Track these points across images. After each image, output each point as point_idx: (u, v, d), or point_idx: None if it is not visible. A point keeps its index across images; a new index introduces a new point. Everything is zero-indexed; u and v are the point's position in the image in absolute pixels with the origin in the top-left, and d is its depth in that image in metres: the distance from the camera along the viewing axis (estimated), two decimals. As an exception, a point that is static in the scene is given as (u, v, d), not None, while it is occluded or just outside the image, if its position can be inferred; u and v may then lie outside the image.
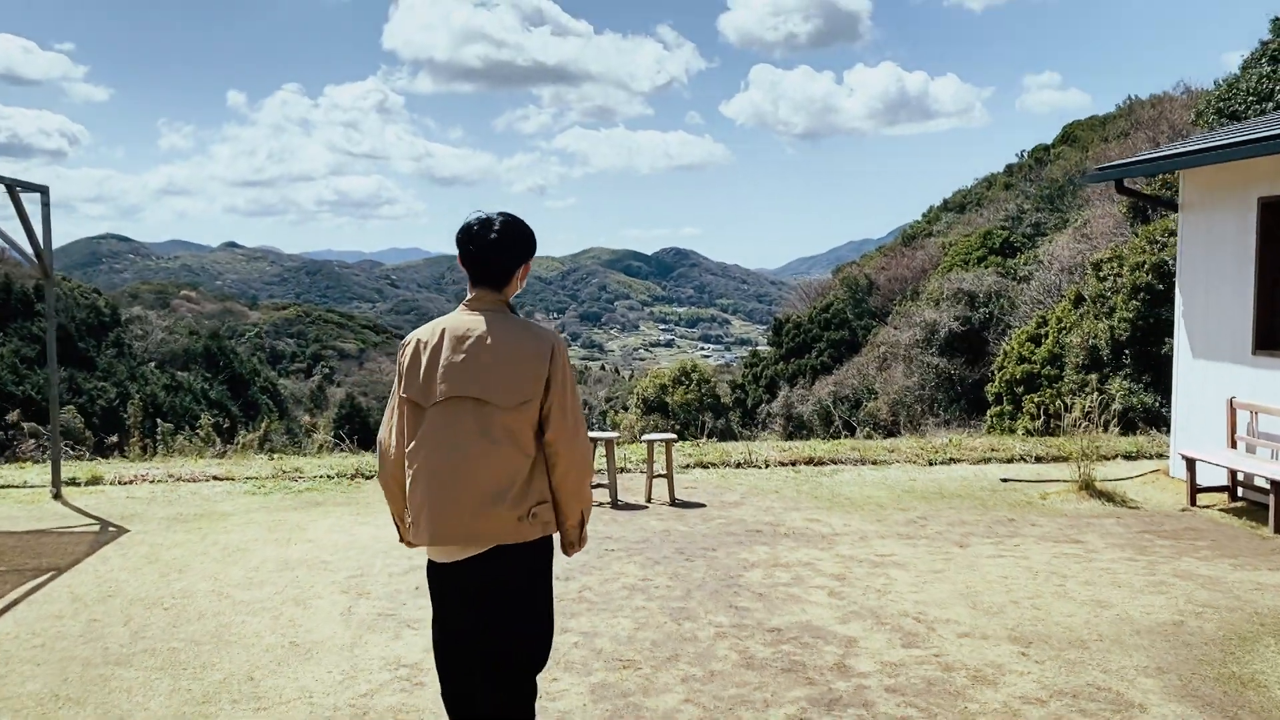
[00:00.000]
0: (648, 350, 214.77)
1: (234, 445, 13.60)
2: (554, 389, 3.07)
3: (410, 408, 3.12)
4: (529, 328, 3.13)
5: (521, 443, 3.02)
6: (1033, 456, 10.26)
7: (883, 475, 9.50)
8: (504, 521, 2.98)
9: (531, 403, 3.03)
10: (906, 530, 7.40)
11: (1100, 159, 47.07)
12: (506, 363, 3.04)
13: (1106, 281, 19.77)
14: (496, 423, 2.99)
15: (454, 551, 3.03)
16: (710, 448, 10.79)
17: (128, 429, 16.67)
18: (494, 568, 3.02)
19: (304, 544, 7.03)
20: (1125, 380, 18.24)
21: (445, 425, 3.03)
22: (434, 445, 3.03)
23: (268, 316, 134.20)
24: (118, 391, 65.33)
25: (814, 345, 47.21)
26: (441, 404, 3.04)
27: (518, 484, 3.00)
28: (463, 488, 2.97)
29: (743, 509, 8.16)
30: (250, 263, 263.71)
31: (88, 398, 63.13)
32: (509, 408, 3.00)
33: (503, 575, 3.02)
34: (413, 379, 3.11)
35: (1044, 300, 29.26)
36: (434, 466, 3.02)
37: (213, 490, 8.99)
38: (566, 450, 3.08)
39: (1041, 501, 8.38)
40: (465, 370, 3.03)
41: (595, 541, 7.06)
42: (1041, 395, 20.75)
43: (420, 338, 3.16)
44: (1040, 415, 17.22)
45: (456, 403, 3.02)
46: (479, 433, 2.99)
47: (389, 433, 3.23)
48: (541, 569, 3.12)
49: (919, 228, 65.79)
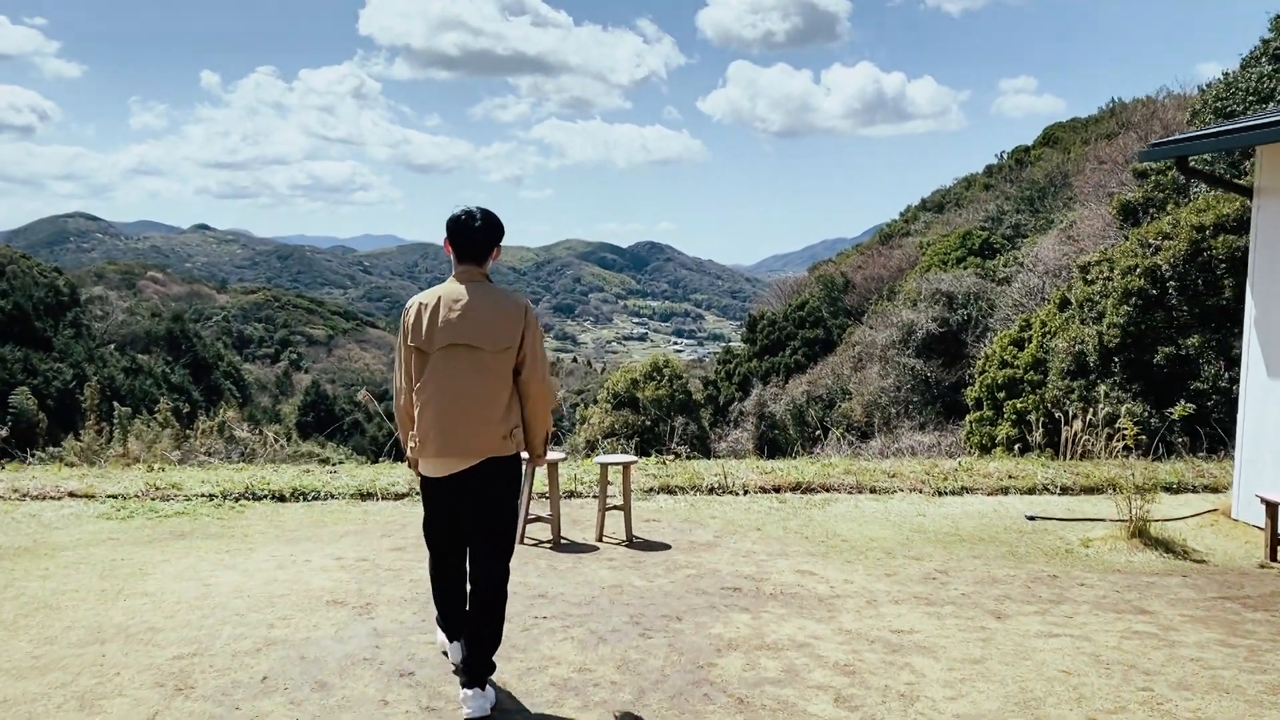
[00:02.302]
0: (621, 343, 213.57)
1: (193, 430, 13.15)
2: (527, 339, 4.09)
3: (417, 354, 4.09)
4: (506, 293, 4.15)
5: (504, 379, 4.06)
6: (1057, 486, 8.68)
7: (885, 508, 7.88)
8: (494, 439, 4.03)
9: (511, 349, 4.05)
10: (925, 591, 5.79)
11: (1081, 161, 46.08)
12: (492, 318, 4.04)
13: (1095, 285, 18.80)
14: (486, 363, 4.02)
15: (453, 464, 4.05)
16: (678, 468, 9.11)
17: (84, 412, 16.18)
18: (485, 474, 4.06)
19: (137, 598, 5.32)
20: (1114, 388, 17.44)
21: (447, 366, 4.03)
22: (439, 382, 4.03)
23: (236, 300, 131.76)
24: (74, 373, 63.14)
25: (788, 343, 45.98)
26: (443, 350, 4.03)
27: (502, 410, 4.05)
28: (463, 412, 4.00)
29: (717, 554, 6.52)
30: (221, 245, 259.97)
31: (43, 379, 60.93)
32: (495, 352, 4.03)
33: (491, 479, 4.07)
34: (417, 332, 4.07)
35: (1026, 303, 28.57)
36: (440, 397, 4.02)
37: (59, 512, 7.24)
38: (536, 385, 4.13)
39: (1084, 550, 6.79)
40: (461, 324, 4.02)
41: (523, 602, 5.41)
42: (1024, 401, 20.16)
43: (422, 301, 4.13)
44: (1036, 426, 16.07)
45: (455, 349, 4.02)
46: (473, 371, 4.01)
47: (399, 376, 4.19)
48: (514, 477, 4.15)
49: (896, 227, 64.86)
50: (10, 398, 55.24)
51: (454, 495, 4.11)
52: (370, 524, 7.11)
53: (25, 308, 69.68)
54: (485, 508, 4.09)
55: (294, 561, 6.08)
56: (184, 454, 12.98)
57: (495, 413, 4.01)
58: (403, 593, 5.51)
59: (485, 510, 4.10)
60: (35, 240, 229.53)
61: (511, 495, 4.15)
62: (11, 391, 56.10)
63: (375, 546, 6.48)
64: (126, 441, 13.14)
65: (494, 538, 4.12)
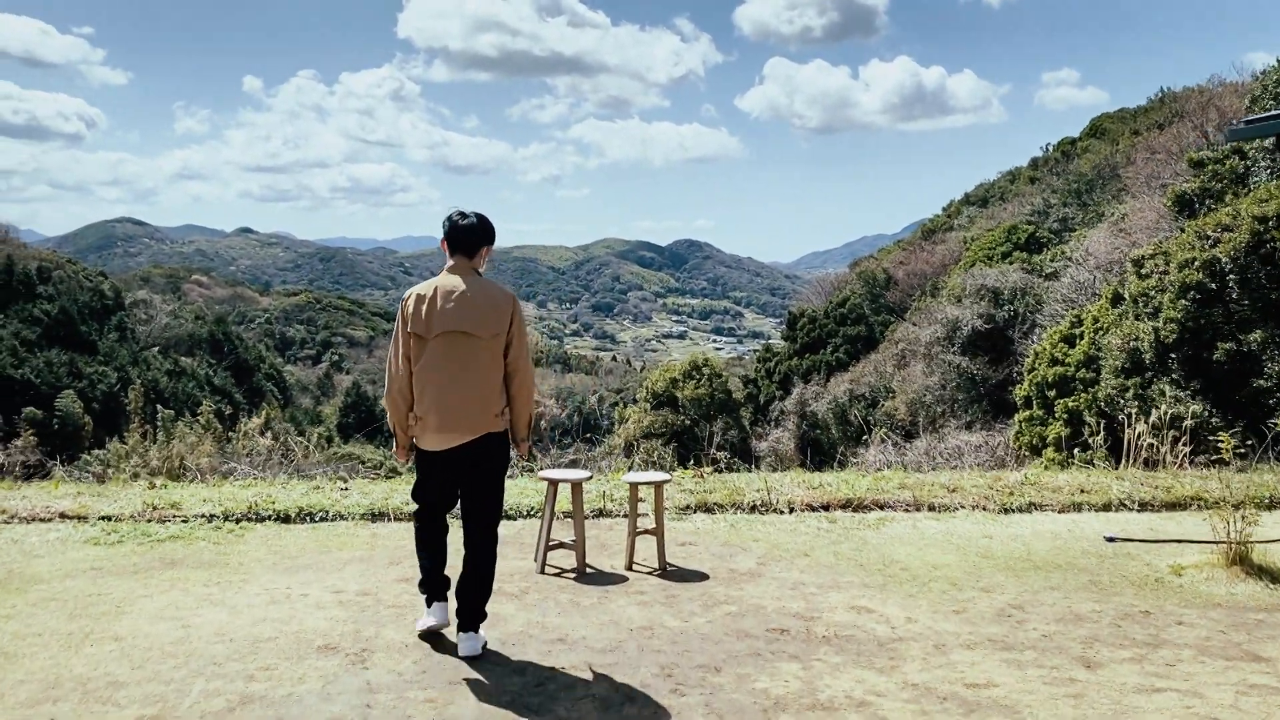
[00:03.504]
0: (660, 341, 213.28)
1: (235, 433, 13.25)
2: (514, 327, 4.64)
3: (415, 340, 4.59)
4: (495, 286, 4.72)
5: (496, 362, 4.60)
6: (1135, 502, 7.86)
7: (946, 529, 7.13)
8: (489, 416, 4.58)
9: (501, 335, 4.59)
10: (1000, 632, 5.06)
11: (1131, 152, 44.77)
12: (484, 307, 4.59)
13: (1150, 279, 18.14)
14: (479, 348, 4.55)
15: (452, 439, 4.56)
16: (717, 483, 8.38)
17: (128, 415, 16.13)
18: (480, 448, 4.60)
19: (105, 643, 4.72)
20: (1171, 387, 16.73)
21: (444, 351, 4.55)
22: (437, 365, 4.54)
23: (278, 303, 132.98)
24: (119, 377, 63.67)
25: (829, 341, 45.18)
26: (440, 336, 4.55)
27: (494, 390, 4.60)
28: (460, 392, 4.53)
29: (761, 585, 5.81)
30: (264, 248, 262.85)
31: (88, 382, 61.48)
32: (486, 338, 4.56)
33: (486, 453, 4.62)
34: (416, 320, 4.58)
35: (1076, 299, 27.84)
36: (439, 379, 4.54)
37: (46, 536, 6.67)
38: (521, 367, 4.68)
39: (1176, 579, 6.01)
40: (456, 313, 4.56)
41: (539, 648, 4.74)
42: (1076, 400, 19.51)
43: (419, 292, 4.66)
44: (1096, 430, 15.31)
45: (451, 335, 4.54)
46: (468, 355, 4.55)
47: (396, 360, 4.66)
48: (505, 452, 4.72)
49: (939, 222, 63.76)
50: (56, 401, 55.74)
51: (450, 468, 4.64)
52: (378, 549, 6.48)
53: (71, 312, 70.45)
54: (479, 481, 4.66)
55: (289, 596, 5.46)
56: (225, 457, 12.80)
57: (488, 392, 4.56)
58: (404, 636, 4.87)
59: (479, 483, 4.66)
60: (84, 246, 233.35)
61: (501, 469, 4.71)
62: (58, 395, 56.63)
63: (380, 577, 5.85)
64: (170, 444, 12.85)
65: (486, 510, 4.68)
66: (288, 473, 12.18)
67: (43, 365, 59.42)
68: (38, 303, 69.08)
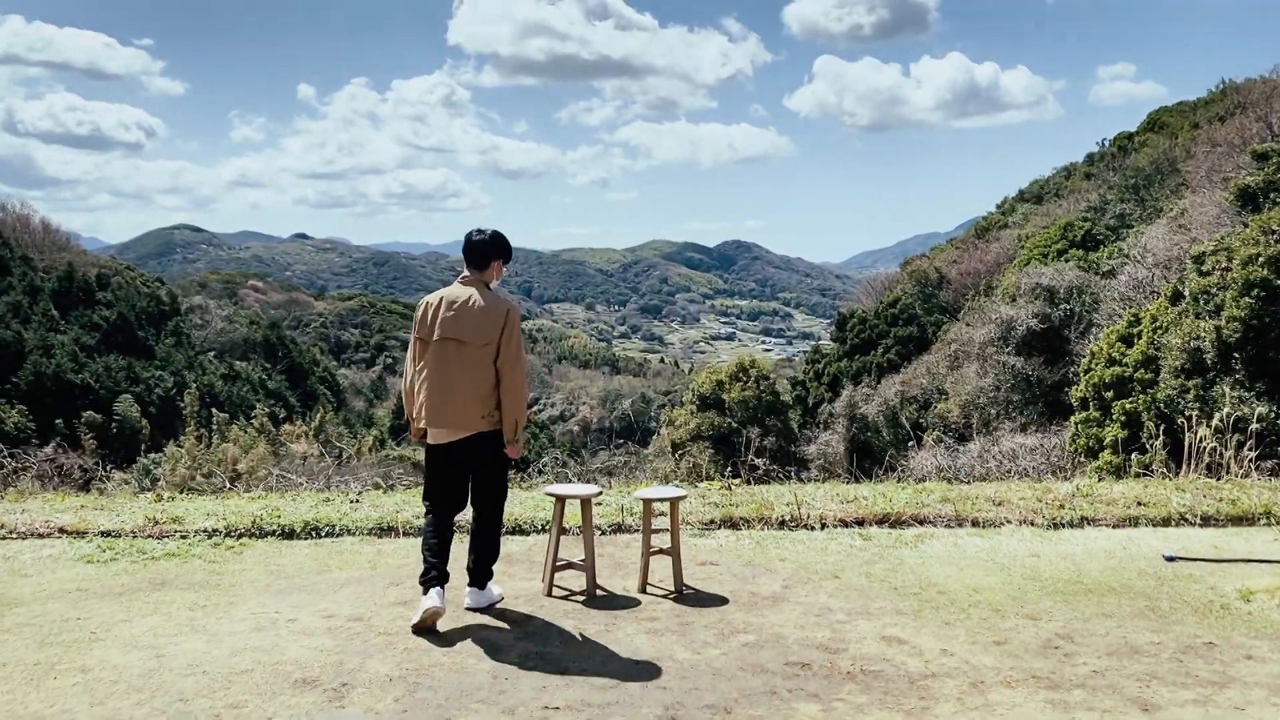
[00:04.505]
0: (708, 343, 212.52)
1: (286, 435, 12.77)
2: (504, 336, 5.08)
3: (421, 344, 5.20)
4: (498, 298, 5.22)
5: (485, 369, 5.06)
6: (1197, 515, 7.26)
7: (990, 546, 6.60)
8: (475, 416, 5.07)
9: (491, 344, 5.06)
10: (1046, 667, 4.56)
11: (1191, 146, 43.49)
12: (478, 317, 5.08)
13: (1211, 276, 17.85)
14: (469, 355, 5.04)
15: (448, 435, 5.12)
16: (744, 495, 7.90)
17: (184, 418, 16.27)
18: (474, 445, 5.13)
19: (70, 675, 4.39)
20: (1235, 388, 16.10)
21: (439, 355, 5.09)
22: (432, 367, 5.11)
23: (333, 307, 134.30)
24: (175, 381, 64.57)
25: (880, 342, 44.38)
26: (438, 341, 5.09)
27: (484, 394, 5.06)
28: (447, 393, 5.06)
29: (783, 611, 5.36)
30: (320, 254, 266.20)
31: (145, 387, 62.40)
32: (477, 346, 5.05)
33: (479, 450, 5.14)
34: (423, 326, 5.18)
35: (1134, 297, 27.10)
36: (431, 379, 5.10)
37: (39, 553, 6.40)
38: (509, 372, 5.09)
39: (1244, 606, 5.44)
40: (453, 322, 5.08)
41: (533, 685, 4.33)
42: (1134, 401, 18.91)
43: (429, 300, 5.24)
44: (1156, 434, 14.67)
45: (446, 341, 5.08)
46: (458, 360, 5.05)
47: (409, 361, 5.32)
48: (498, 449, 5.17)
49: (993, 219, 62.46)
50: (114, 405, 56.65)
51: (449, 461, 5.18)
52: (380, 568, 6.13)
53: (129, 318, 71.66)
54: (477, 476, 5.24)
55: (276, 621, 5.12)
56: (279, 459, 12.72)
57: (475, 396, 5.05)
58: (388, 668, 4.49)
59: (477, 477, 5.24)
60: (144, 252, 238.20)
61: (496, 464, 5.23)
62: (116, 399, 57.56)
63: (377, 600, 5.49)
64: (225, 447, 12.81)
65: (486, 497, 5.29)
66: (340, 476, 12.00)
67: (102, 370, 60.47)
68: (97, 309, 70.42)
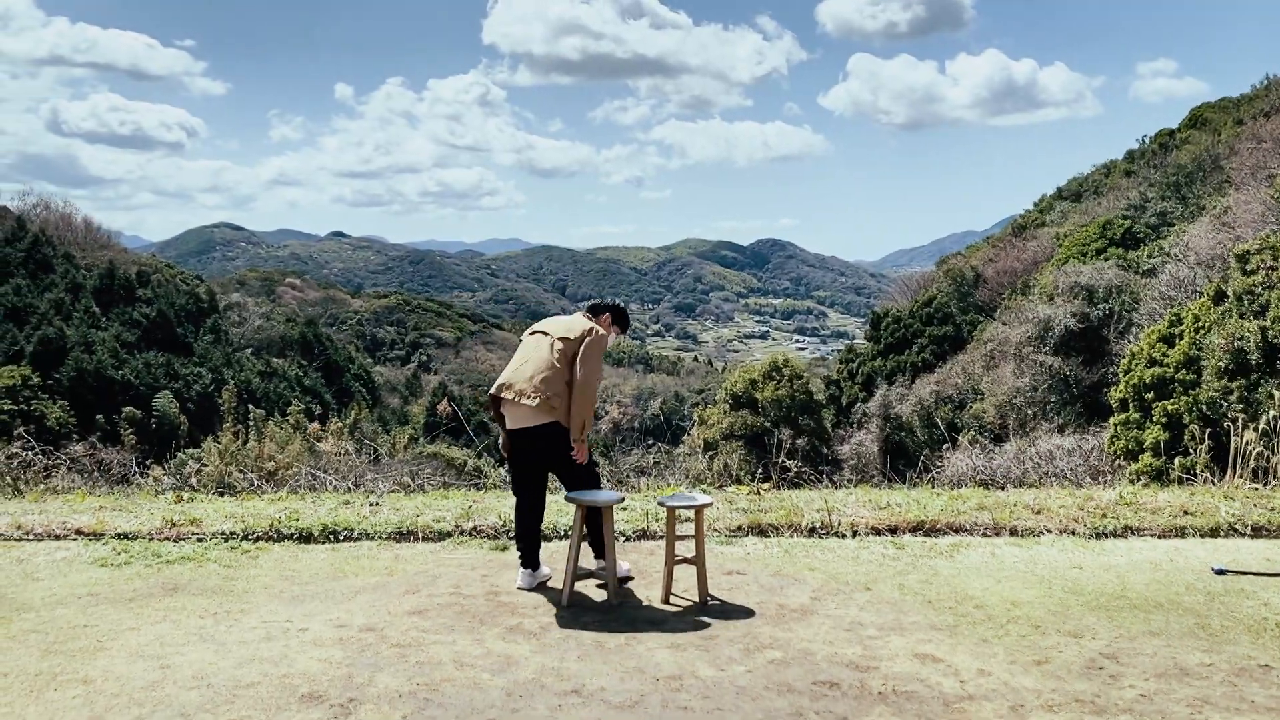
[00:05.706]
0: (742, 342, 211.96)
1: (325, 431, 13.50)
2: (586, 343, 5.64)
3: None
4: (584, 319, 5.90)
5: (560, 358, 5.62)
6: (1248, 526, 6.98)
7: (1030, 557, 6.37)
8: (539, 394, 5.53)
9: (571, 342, 5.67)
10: (1089, 690, 4.34)
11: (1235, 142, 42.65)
12: (568, 323, 5.86)
13: (1256, 275, 17.39)
14: (549, 343, 5.71)
15: (514, 413, 5.68)
16: (773, 501, 7.71)
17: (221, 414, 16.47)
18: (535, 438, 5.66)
19: (71, 687, 4.30)
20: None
21: (526, 343, 5.89)
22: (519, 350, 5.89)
23: (369, 305, 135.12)
24: (213, 377, 65.21)
25: (914, 341, 43.86)
26: (529, 334, 5.95)
27: (550, 376, 5.58)
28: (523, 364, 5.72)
29: (812, 625, 5.17)
30: (356, 252, 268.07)
31: (184, 383, 63.08)
32: (556, 337, 5.71)
33: (539, 442, 5.66)
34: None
35: (1175, 296, 26.60)
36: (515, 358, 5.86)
37: (53, 555, 6.33)
38: (582, 370, 5.58)
39: (1298, 624, 5.20)
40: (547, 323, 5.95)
41: (548, 703, 4.15)
42: (1175, 402, 18.54)
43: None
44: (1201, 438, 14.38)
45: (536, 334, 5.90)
46: (539, 348, 5.74)
47: None
48: (564, 436, 5.63)
49: (1030, 217, 61.64)
50: (154, 401, 57.31)
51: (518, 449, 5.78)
52: (396, 575, 6.00)
53: (168, 315, 72.45)
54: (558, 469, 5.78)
55: (287, 630, 5.00)
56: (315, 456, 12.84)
57: (543, 368, 5.62)
58: (399, 683, 4.36)
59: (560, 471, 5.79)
60: (184, 250, 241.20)
61: (568, 459, 5.67)
62: (155, 395, 58.23)
63: (391, 609, 5.36)
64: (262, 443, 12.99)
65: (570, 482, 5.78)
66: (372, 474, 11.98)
67: (141, 366, 61.17)
68: (137, 306, 71.25)
